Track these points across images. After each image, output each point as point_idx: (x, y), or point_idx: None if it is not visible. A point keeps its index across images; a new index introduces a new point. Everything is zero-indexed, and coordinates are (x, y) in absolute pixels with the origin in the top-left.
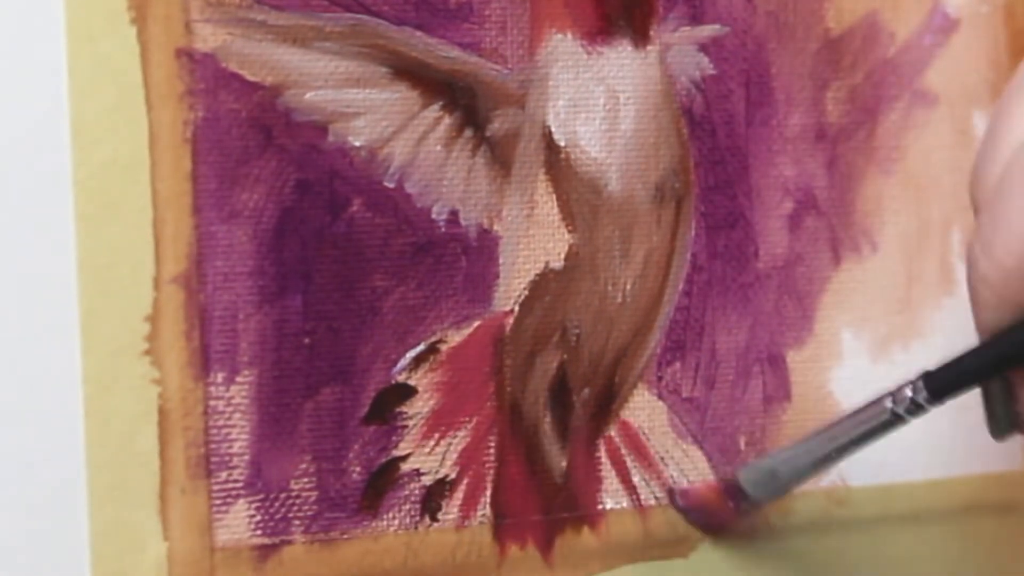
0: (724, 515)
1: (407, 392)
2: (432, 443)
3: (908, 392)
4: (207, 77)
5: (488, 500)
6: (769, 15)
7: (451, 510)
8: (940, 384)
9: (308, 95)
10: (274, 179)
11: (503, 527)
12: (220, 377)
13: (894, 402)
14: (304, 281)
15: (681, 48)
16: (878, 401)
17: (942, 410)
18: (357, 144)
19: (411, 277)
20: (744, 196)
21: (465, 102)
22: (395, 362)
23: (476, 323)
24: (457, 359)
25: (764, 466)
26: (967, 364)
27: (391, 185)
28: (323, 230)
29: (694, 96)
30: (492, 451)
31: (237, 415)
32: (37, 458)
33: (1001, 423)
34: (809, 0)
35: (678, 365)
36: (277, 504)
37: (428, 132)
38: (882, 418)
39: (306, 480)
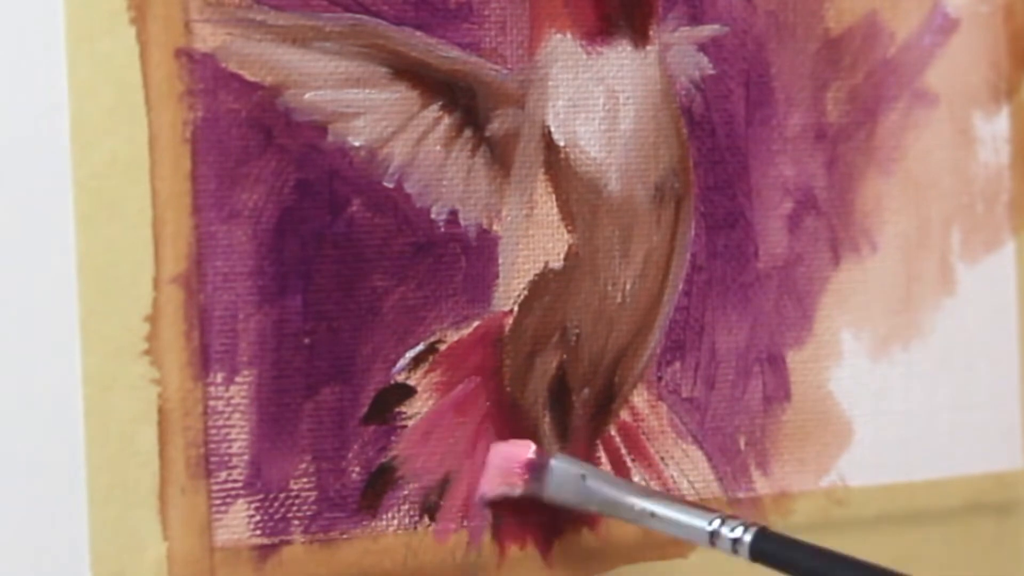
0: (513, 481)
1: (406, 392)
2: (432, 443)
3: (733, 533)
4: (207, 77)
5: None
6: (769, 15)
7: (451, 510)
8: (765, 553)
9: (308, 95)
10: (274, 179)
11: (503, 527)
12: (220, 377)
13: (715, 531)
14: (304, 281)
15: (681, 48)
16: (704, 515)
17: (942, 410)
18: (357, 144)
19: (411, 277)
20: (744, 196)
21: (465, 102)
22: (395, 362)
23: (475, 323)
24: (456, 359)
25: (578, 472)
26: (801, 558)
27: (391, 185)
28: (323, 230)
29: (694, 96)
30: None
31: (237, 415)
32: (37, 458)
33: None
34: (809, 0)
35: (678, 365)
36: (277, 504)
37: (428, 132)
38: (695, 529)
39: (306, 480)
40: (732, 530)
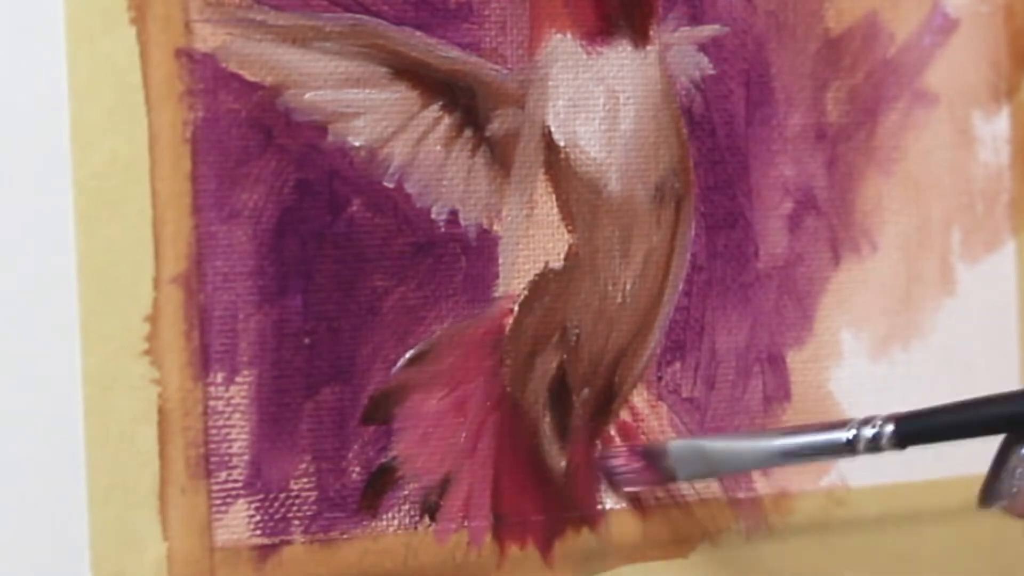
0: (642, 479)
1: (404, 393)
2: (432, 443)
3: (870, 431)
4: (207, 77)
5: (488, 500)
6: (769, 15)
7: (451, 510)
8: (909, 434)
9: (308, 95)
10: (274, 179)
11: (503, 527)
12: (220, 377)
13: (853, 437)
14: (304, 281)
15: (681, 48)
16: (838, 427)
17: None
18: (357, 144)
19: (411, 277)
20: (744, 196)
21: (465, 102)
22: (395, 362)
23: (475, 323)
24: (456, 359)
25: (696, 446)
26: (941, 420)
27: (391, 185)
28: (323, 230)
29: (694, 96)
30: (492, 451)
31: (237, 415)
32: (37, 458)
33: (989, 491)
34: (809, 0)
35: (678, 365)
36: (277, 504)
37: (428, 132)
38: (835, 445)
39: (306, 480)
40: (872, 427)
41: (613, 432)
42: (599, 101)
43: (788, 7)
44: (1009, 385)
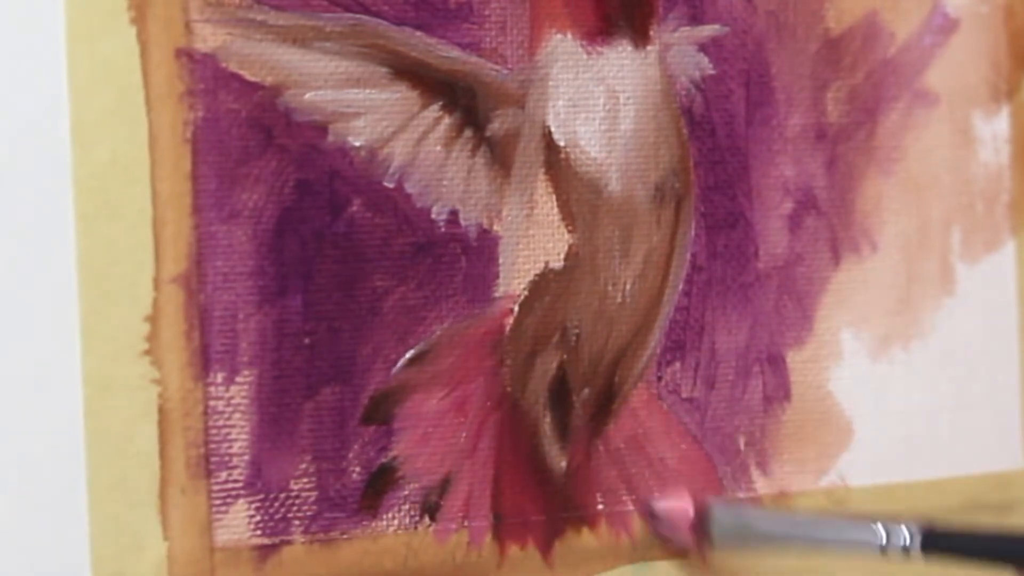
0: (686, 541)
1: (404, 393)
2: (432, 443)
3: (902, 540)
4: (207, 77)
5: (488, 500)
6: (769, 15)
7: (451, 510)
8: (936, 549)
9: (308, 95)
10: (274, 179)
11: (503, 527)
12: (220, 377)
13: (885, 541)
14: (304, 281)
15: (681, 48)
16: (871, 529)
17: (942, 410)
18: (357, 144)
19: (411, 277)
20: (744, 196)
21: (465, 102)
22: (395, 362)
23: (476, 323)
24: (456, 359)
25: (739, 517)
26: (969, 544)
27: (391, 185)
28: (323, 230)
29: (694, 96)
30: (492, 451)
31: (237, 415)
32: (37, 458)
33: None
34: (809, 0)
35: (678, 365)
36: (277, 504)
37: (428, 132)
38: (866, 546)
39: (306, 480)
40: (900, 539)
41: (613, 432)
42: (599, 101)
43: (788, 7)
44: (1009, 385)
